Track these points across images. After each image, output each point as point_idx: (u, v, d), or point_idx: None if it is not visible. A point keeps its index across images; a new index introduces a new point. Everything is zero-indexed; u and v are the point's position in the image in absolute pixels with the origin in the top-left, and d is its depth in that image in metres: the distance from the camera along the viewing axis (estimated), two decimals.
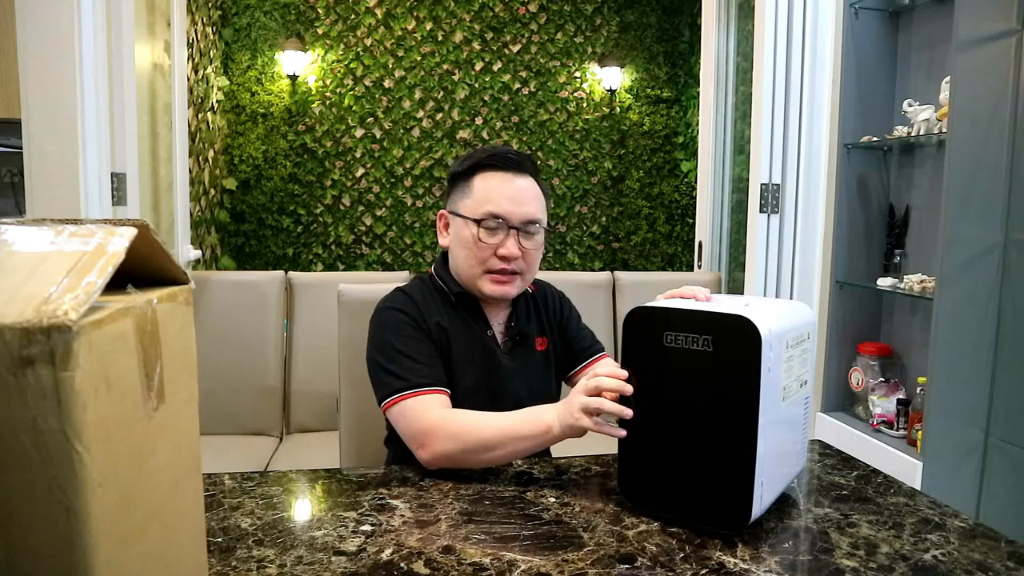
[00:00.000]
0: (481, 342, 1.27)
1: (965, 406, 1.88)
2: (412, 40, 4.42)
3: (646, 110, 4.72)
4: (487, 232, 1.22)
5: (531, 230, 1.24)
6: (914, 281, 2.12)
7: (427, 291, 1.28)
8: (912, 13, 2.29)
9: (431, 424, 1.09)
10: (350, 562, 0.83)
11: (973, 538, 0.91)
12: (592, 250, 4.79)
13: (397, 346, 1.18)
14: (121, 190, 2.36)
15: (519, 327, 1.31)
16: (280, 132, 4.30)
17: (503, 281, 1.24)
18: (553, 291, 1.42)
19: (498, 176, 1.23)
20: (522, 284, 1.27)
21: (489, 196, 1.22)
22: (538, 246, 1.26)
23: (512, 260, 1.22)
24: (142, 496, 0.50)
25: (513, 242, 1.22)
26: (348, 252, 4.48)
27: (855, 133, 2.32)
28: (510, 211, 1.21)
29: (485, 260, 1.22)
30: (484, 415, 1.10)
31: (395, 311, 1.23)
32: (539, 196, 1.26)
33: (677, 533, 0.91)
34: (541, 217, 1.26)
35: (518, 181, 1.24)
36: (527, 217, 1.23)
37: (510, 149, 1.28)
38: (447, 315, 1.26)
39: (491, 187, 1.23)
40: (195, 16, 3.55)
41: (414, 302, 1.24)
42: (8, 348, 0.40)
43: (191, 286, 0.59)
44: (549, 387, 1.35)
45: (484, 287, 1.24)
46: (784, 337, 0.91)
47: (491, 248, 1.22)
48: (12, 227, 0.49)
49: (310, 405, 2.46)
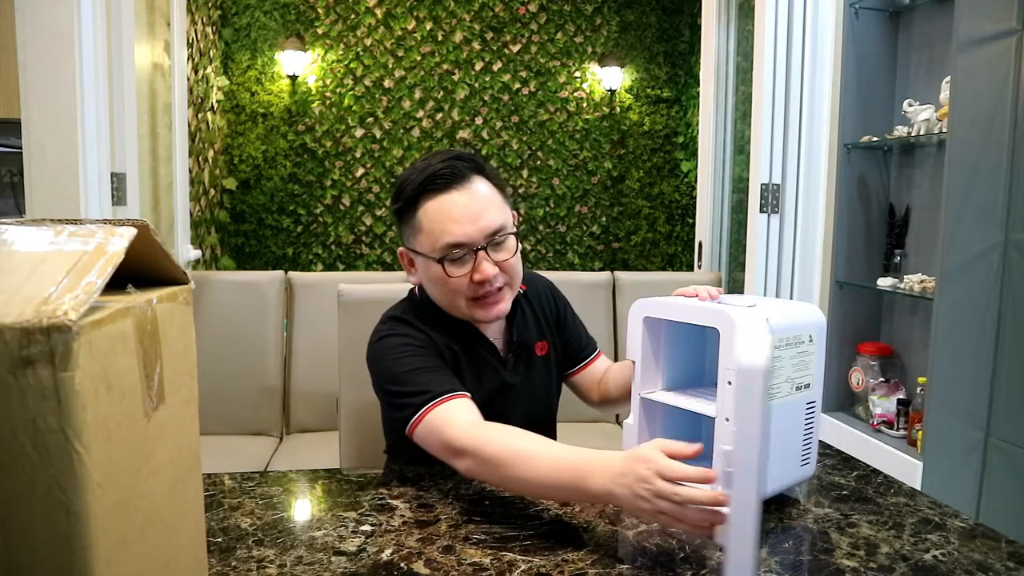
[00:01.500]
0: (485, 361, 1.20)
1: (965, 406, 1.88)
2: (412, 40, 4.42)
3: (646, 110, 4.72)
4: (453, 265, 1.10)
5: (498, 240, 1.11)
6: (914, 281, 2.12)
7: (420, 312, 1.19)
8: (912, 13, 2.29)
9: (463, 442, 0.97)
10: (350, 562, 0.83)
11: (973, 538, 0.91)
12: (592, 250, 4.79)
13: (405, 367, 1.09)
14: (121, 190, 2.36)
15: (520, 337, 1.24)
16: (280, 132, 4.31)
17: (491, 302, 1.13)
18: (542, 283, 1.35)
19: (441, 199, 1.09)
20: (512, 296, 1.17)
21: (441, 226, 1.09)
22: (511, 252, 1.13)
23: (492, 280, 1.11)
24: (142, 496, 0.50)
25: (486, 263, 1.09)
26: (348, 252, 4.48)
27: (855, 133, 2.32)
28: (467, 234, 1.08)
29: (462, 290, 1.12)
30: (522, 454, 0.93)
31: (393, 336, 1.14)
32: (493, 197, 1.12)
33: (677, 533, 0.91)
34: (504, 222, 1.12)
35: (463, 196, 1.09)
36: (488, 230, 1.09)
37: (444, 158, 1.12)
38: (446, 337, 1.17)
39: (440, 215, 1.09)
40: (195, 16, 3.55)
41: (411, 325, 1.16)
42: (8, 348, 0.40)
43: (191, 286, 0.59)
44: (551, 392, 1.31)
45: (475, 315, 1.14)
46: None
47: (464, 278, 1.10)
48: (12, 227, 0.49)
49: (310, 405, 2.46)
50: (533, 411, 1.26)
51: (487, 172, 1.14)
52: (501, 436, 0.96)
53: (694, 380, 1.13)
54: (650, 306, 1.03)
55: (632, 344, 1.04)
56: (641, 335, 1.04)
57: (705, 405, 1.00)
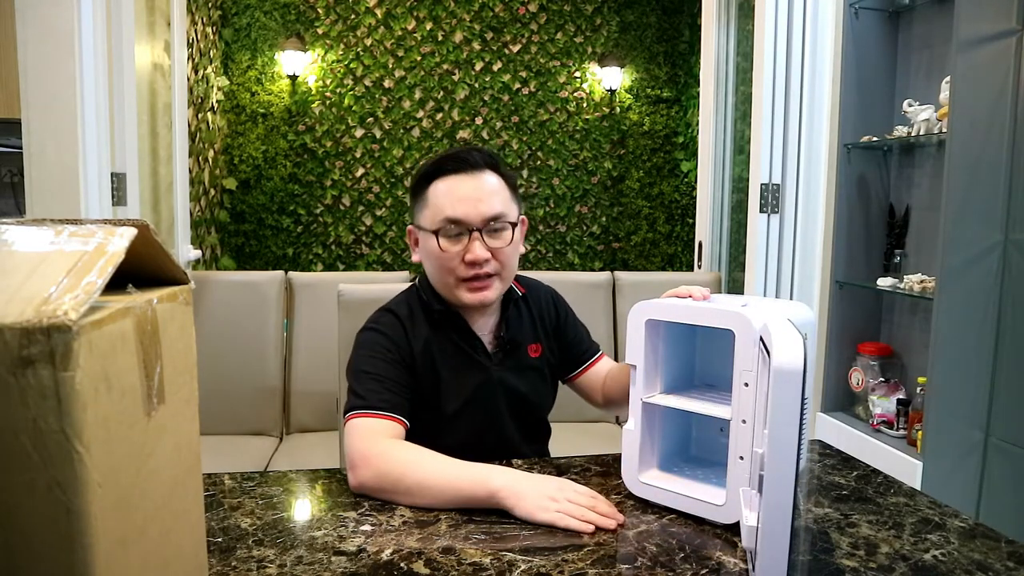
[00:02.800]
0: (469, 356, 1.23)
1: (965, 406, 1.88)
2: (412, 40, 4.42)
3: (646, 110, 4.72)
4: (448, 240, 1.15)
5: (496, 226, 1.16)
6: (914, 281, 2.12)
7: (414, 307, 1.24)
8: (912, 13, 2.29)
9: (365, 452, 1.03)
10: (350, 562, 0.83)
11: (973, 538, 0.91)
12: (592, 250, 4.79)
13: (366, 367, 1.15)
14: (121, 190, 2.36)
15: (510, 335, 1.26)
16: (280, 132, 4.31)
17: (478, 288, 1.17)
18: (545, 291, 1.36)
19: (450, 180, 1.17)
20: (501, 286, 1.21)
21: (443, 202, 1.16)
22: (508, 243, 1.18)
23: (483, 264, 1.15)
24: (142, 496, 0.50)
25: (479, 245, 1.15)
26: (348, 252, 4.48)
27: (855, 133, 2.32)
28: (466, 212, 1.15)
29: (454, 269, 1.16)
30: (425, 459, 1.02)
31: (376, 333, 1.19)
32: (501, 190, 1.19)
33: (677, 533, 0.91)
34: (504, 211, 1.17)
35: (472, 180, 1.17)
36: (487, 215, 1.15)
37: (462, 149, 1.21)
38: (432, 332, 1.21)
39: (444, 192, 1.16)
40: (195, 16, 3.55)
41: (400, 323, 1.21)
42: (8, 348, 0.40)
43: (191, 286, 0.59)
44: (543, 395, 1.32)
45: (461, 296, 1.18)
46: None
47: (457, 256, 1.16)
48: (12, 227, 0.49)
49: (310, 405, 2.46)
50: (521, 410, 1.27)
51: (501, 169, 1.21)
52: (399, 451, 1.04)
53: (687, 382, 1.13)
54: (653, 309, 1.01)
55: (633, 347, 1.02)
56: (643, 338, 1.02)
57: (713, 407, 0.99)
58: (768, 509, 0.72)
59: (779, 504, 0.71)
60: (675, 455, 1.11)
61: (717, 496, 0.94)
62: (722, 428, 1.06)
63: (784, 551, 0.71)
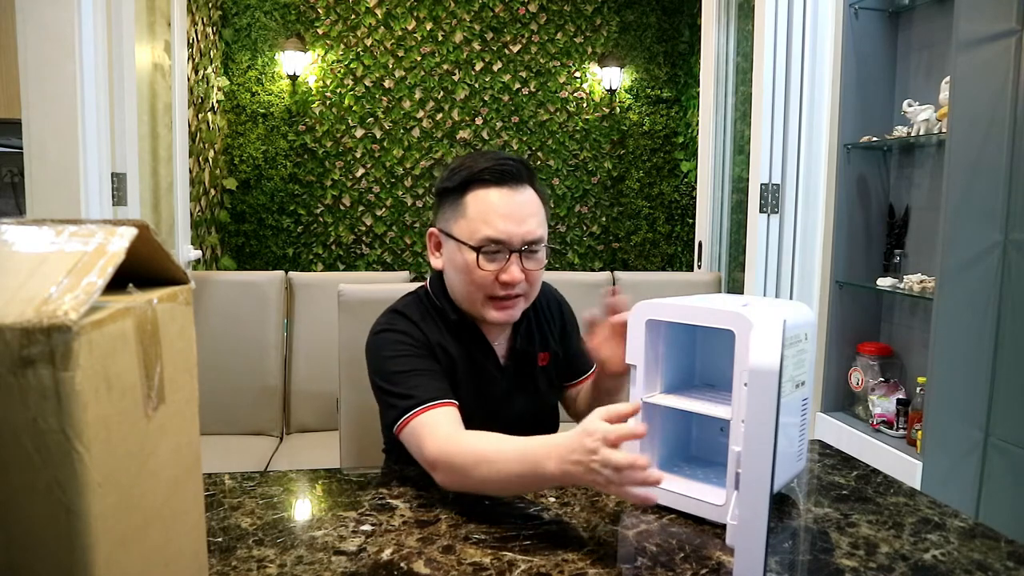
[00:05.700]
0: (482, 366, 1.21)
1: (965, 406, 1.88)
2: (412, 40, 4.42)
3: (646, 110, 4.72)
4: (487, 259, 1.11)
5: (534, 249, 1.13)
6: (914, 281, 2.12)
7: (424, 311, 1.19)
8: (912, 13, 2.29)
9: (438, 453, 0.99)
10: (350, 562, 0.83)
11: (973, 538, 0.91)
12: (592, 250, 4.79)
13: (398, 366, 1.11)
14: (121, 190, 2.36)
15: (522, 347, 1.24)
16: (280, 132, 4.31)
17: (506, 306, 1.14)
18: (552, 297, 1.34)
19: (494, 192, 1.11)
20: (525, 305, 1.18)
21: (486, 218, 1.10)
22: (540, 264, 1.15)
23: (516, 284, 1.13)
24: (142, 496, 0.50)
25: (516, 267, 1.11)
26: (348, 252, 4.48)
27: (855, 133, 2.32)
28: (511, 233, 1.10)
29: (486, 287, 1.12)
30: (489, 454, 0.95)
31: (393, 332, 1.15)
32: (539, 209, 1.15)
33: (677, 533, 0.91)
34: (542, 233, 1.15)
35: (516, 197, 1.12)
36: (529, 238, 1.12)
37: (503, 156, 1.14)
38: (447, 338, 1.18)
39: (487, 207, 1.10)
40: (195, 16, 3.55)
41: (412, 322, 1.16)
42: (8, 348, 0.40)
43: (191, 286, 0.59)
44: (550, 402, 1.31)
45: (487, 314, 1.15)
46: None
47: (492, 274, 1.11)
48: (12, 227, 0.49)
49: (310, 405, 2.46)
50: (534, 420, 1.26)
51: (537, 186, 1.17)
52: (466, 444, 0.98)
53: (687, 382, 1.13)
54: (653, 309, 1.00)
55: (633, 347, 1.02)
56: (644, 338, 1.02)
57: (713, 407, 0.99)
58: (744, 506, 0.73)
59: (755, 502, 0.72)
60: (675, 455, 1.11)
61: (717, 496, 0.94)
62: (722, 428, 1.06)
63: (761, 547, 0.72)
